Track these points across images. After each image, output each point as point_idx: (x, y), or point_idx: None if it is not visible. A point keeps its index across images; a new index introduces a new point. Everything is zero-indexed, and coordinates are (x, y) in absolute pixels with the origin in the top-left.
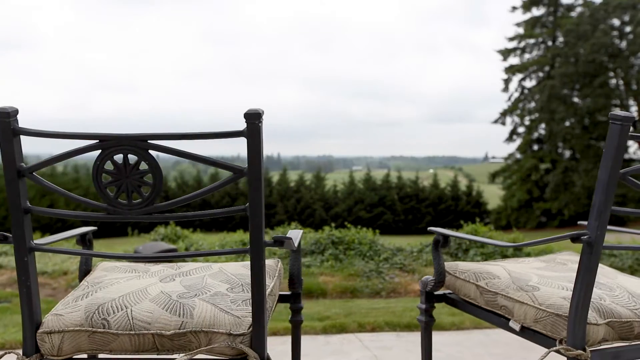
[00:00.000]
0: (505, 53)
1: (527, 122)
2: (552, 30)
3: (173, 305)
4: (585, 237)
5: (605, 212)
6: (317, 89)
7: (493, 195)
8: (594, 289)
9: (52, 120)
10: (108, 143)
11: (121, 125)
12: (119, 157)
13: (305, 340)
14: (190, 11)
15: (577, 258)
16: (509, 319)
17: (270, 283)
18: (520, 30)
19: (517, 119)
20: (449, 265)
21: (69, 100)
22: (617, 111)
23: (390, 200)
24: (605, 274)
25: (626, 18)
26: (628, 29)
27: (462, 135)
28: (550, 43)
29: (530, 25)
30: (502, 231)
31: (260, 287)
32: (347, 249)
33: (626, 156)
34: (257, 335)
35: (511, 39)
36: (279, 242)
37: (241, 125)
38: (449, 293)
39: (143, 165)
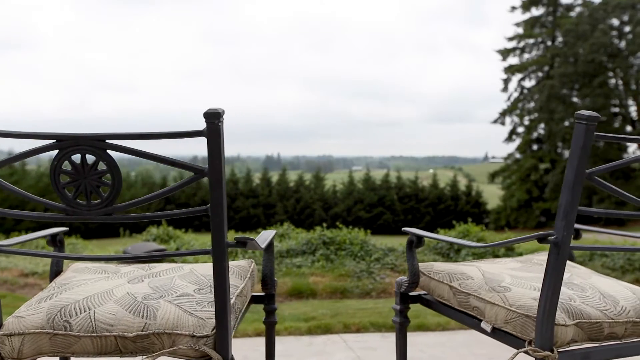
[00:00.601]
0: (505, 53)
1: (526, 122)
2: (551, 30)
3: (137, 307)
4: (551, 237)
5: (572, 212)
6: (317, 89)
7: (493, 195)
8: (565, 290)
9: (52, 120)
10: (65, 143)
11: (121, 125)
12: (77, 157)
13: (290, 341)
14: (190, 11)
15: None
16: (481, 320)
17: (240, 284)
18: (520, 30)
19: (516, 119)
20: (424, 265)
21: (69, 100)
22: (583, 111)
23: (389, 200)
24: (579, 274)
25: (625, 18)
26: (627, 28)
27: (462, 135)
28: (549, 43)
29: (530, 25)
30: (497, 231)
31: (223, 289)
32: (339, 249)
33: (625, 156)
34: (221, 337)
35: (510, 39)
36: (242, 243)
37: (240, 125)
38: (424, 294)
39: (103, 166)
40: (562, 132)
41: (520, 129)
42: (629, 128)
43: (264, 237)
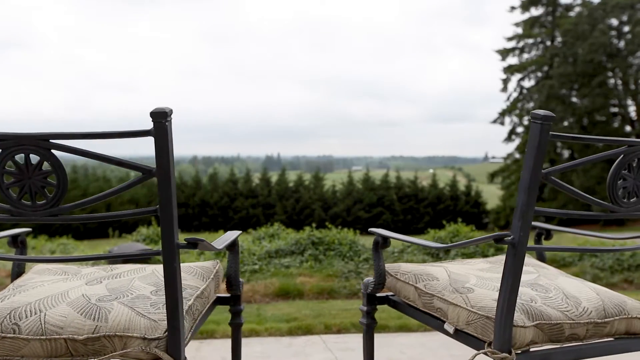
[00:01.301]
0: (504, 53)
1: (525, 122)
2: (550, 30)
3: (90, 309)
4: (508, 238)
5: (528, 212)
6: (317, 89)
7: (492, 195)
8: (529, 291)
9: (52, 120)
10: (7, 142)
11: (121, 125)
12: (20, 157)
13: (269, 342)
14: (190, 11)
15: (527, 259)
16: (444, 322)
17: (201, 285)
18: (519, 30)
19: (516, 119)
20: (392, 266)
21: (69, 100)
22: (538, 110)
23: (389, 200)
24: (547, 275)
25: (624, 18)
26: (626, 28)
27: (462, 135)
28: (548, 43)
29: (529, 25)
30: (495, 231)
31: (174, 290)
32: (327, 250)
33: None
34: (174, 340)
35: (510, 39)
36: (193, 244)
37: (240, 125)
38: (391, 295)
39: (48, 166)
40: (561, 132)
41: (520, 129)
42: (628, 128)
43: (226, 237)
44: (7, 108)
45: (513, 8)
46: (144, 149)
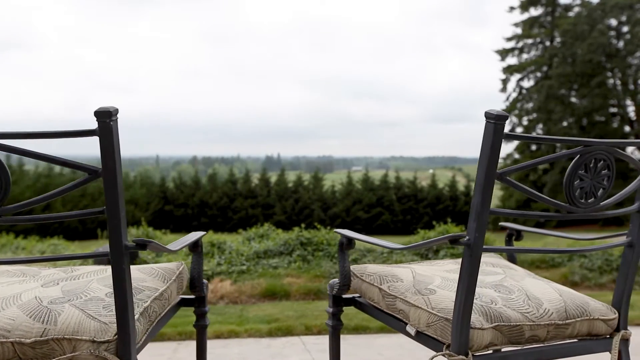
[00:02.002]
0: (503, 53)
1: (525, 122)
2: (549, 31)
3: (40, 312)
4: (463, 239)
5: (483, 213)
6: (317, 89)
7: (492, 196)
8: (491, 292)
9: (52, 120)
10: None
11: (121, 125)
12: None
13: (249, 343)
14: (190, 11)
15: (497, 260)
16: (407, 324)
17: (161, 287)
18: (518, 31)
19: (515, 119)
20: (358, 267)
21: (69, 100)
22: (492, 109)
23: (388, 201)
24: (514, 276)
25: (623, 18)
26: (625, 28)
27: (462, 136)
28: (548, 43)
29: (528, 26)
30: (494, 232)
31: (122, 293)
32: (316, 250)
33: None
34: (124, 342)
35: (509, 39)
36: (142, 245)
37: (240, 125)
38: (357, 297)
39: None
40: (560, 132)
41: (519, 129)
42: (627, 128)
43: (186, 239)
44: (7, 108)
45: (512, 8)
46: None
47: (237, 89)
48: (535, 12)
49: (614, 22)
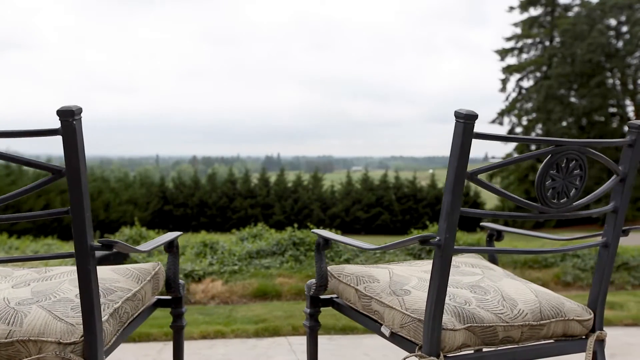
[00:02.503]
0: (503, 53)
1: (524, 122)
2: (549, 30)
3: (6, 313)
4: (433, 240)
5: (453, 213)
6: (317, 89)
7: (491, 196)
8: (466, 293)
9: (55, 121)
10: None
11: (121, 126)
12: None
13: (234, 344)
14: (190, 11)
15: (477, 261)
16: (382, 324)
17: (134, 287)
18: (518, 31)
19: (514, 119)
20: (336, 268)
21: (69, 101)
22: (461, 109)
23: (387, 201)
24: (491, 276)
25: (623, 18)
26: (625, 28)
27: None
28: (547, 43)
29: (528, 26)
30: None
31: (88, 293)
32: (309, 250)
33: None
34: (90, 344)
35: (509, 39)
36: (108, 245)
37: (240, 125)
38: (335, 297)
39: None
40: (559, 132)
41: (519, 129)
42: (626, 128)
43: (159, 239)
44: (7, 108)
45: (512, 8)
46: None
47: (237, 88)
48: (534, 12)
49: (613, 22)
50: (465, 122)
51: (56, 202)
